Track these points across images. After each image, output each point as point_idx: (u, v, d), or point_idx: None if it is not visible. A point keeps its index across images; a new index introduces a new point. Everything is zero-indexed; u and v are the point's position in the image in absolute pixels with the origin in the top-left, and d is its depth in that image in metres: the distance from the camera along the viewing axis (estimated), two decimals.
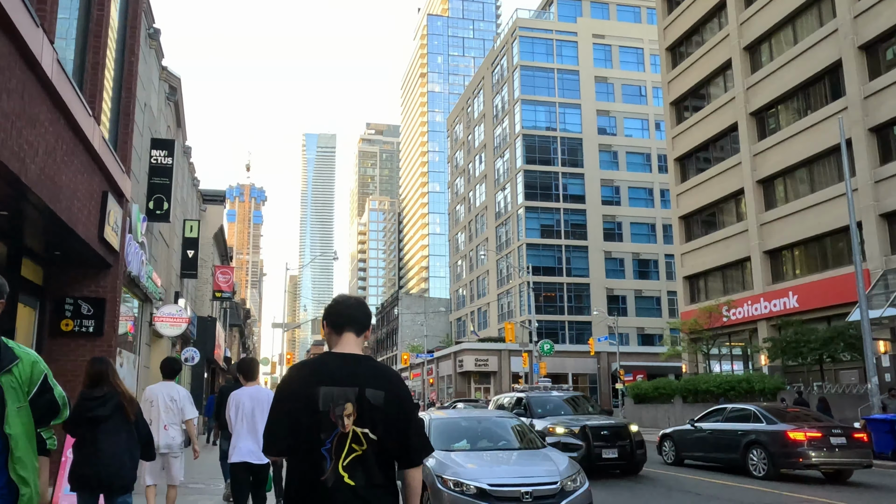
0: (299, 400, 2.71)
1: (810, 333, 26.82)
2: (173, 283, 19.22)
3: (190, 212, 22.19)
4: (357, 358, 2.84)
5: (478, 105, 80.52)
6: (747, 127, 35.48)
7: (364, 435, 2.68)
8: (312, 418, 2.68)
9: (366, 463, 2.69)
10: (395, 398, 2.78)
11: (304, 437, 2.69)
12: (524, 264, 64.24)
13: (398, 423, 2.77)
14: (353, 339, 2.92)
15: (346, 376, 2.74)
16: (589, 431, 13.60)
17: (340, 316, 2.94)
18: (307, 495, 2.67)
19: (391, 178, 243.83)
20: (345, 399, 2.69)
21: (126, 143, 9.57)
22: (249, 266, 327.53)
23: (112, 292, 9.29)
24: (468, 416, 9.31)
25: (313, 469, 2.66)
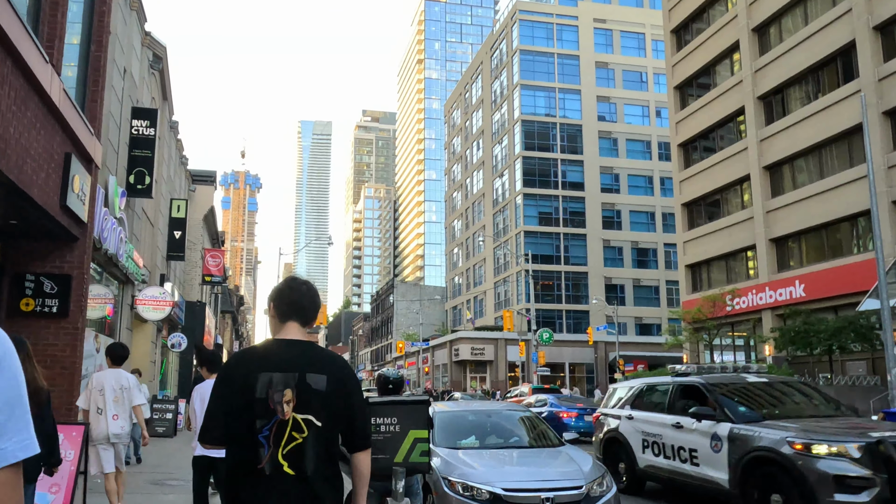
0: (237, 387, 2.62)
1: (820, 323, 25.98)
2: (158, 266, 18.24)
3: (177, 191, 21.17)
4: (299, 343, 2.76)
5: (476, 90, 79.35)
6: (754, 111, 34.51)
7: (306, 422, 2.61)
8: (250, 405, 2.59)
9: (307, 451, 2.60)
10: (339, 382, 2.70)
11: (242, 424, 2.61)
12: (522, 252, 63.38)
13: (343, 408, 2.71)
14: (298, 328, 2.84)
15: (285, 362, 2.67)
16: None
17: (289, 306, 2.85)
18: (244, 484, 2.59)
19: (387, 165, 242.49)
20: (284, 385, 2.61)
21: (95, 103, 8.57)
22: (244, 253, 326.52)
23: (79, 268, 8.32)
24: (476, 410, 8.38)
25: (251, 457, 2.58)
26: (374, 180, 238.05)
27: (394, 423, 4.33)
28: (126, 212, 13.21)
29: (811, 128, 31.21)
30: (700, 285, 39.63)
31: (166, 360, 21.50)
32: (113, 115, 12.21)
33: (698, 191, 39.17)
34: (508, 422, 8.12)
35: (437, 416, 7.77)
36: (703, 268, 39.54)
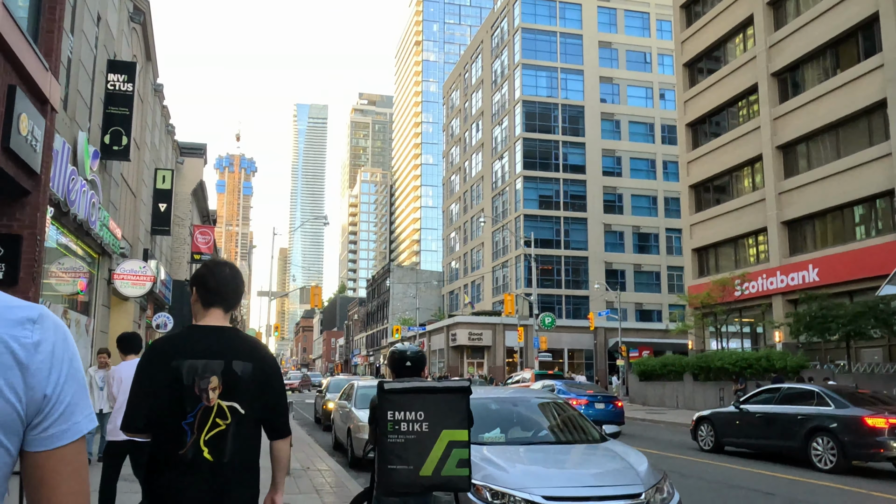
0: (162, 374, 2.59)
1: (838, 308, 24.84)
2: (141, 240, 16.92)
3: (163, 161, 19.81)
4: (223, 330, 2.73)
5: (476, 70, 77.73)
6: (768, 88, 33.22)
7: (230, 409, 2.62)
8: (176, 393, 2.57)
9: (228, 438, 2.61)
10: (263, 370, 2.71)
11: (166, 411, 2.58)
12: (521, 236, 62.14)
13: (266, 396, 2.72)
14: (221, 315, 2.80)
15: (211, 349, 2.64)
16: None
17: (212, 294, 2.80)
18: (165, 470, 2.58)
19: (383, 149, 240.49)
20: (210, 372, 2.60)
21: (52, 34, 7.25)
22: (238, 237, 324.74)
23: (31, 228, 7.03)
24: (500, 397, 7.12)
25: (174, 443, 2.57)
26: (370, 164, 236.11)
27: (419, 419, 3.10)
28: (100, 175, 11.93)
29: (829, 105, 29.96)
30: (707, 270, 38.49)
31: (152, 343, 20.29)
32: (84, 65, 10.90)
33: (706, 172, 37.95)
34: (538, 412, 6.84)
35: None
36: (710, 252, 38.38)
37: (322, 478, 9.28)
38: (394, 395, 3.08)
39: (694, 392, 31.30)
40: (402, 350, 3.99)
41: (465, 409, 3.10)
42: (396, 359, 3.97)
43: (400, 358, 3.95)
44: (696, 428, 14.90)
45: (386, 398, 3.09)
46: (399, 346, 4.13)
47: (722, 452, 14.28)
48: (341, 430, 12.85)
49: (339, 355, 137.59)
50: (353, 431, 11.31)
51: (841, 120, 29.58)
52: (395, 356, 3.98)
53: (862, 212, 28.90)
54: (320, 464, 10.64)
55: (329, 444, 14.63)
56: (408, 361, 3.91)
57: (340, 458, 12.68)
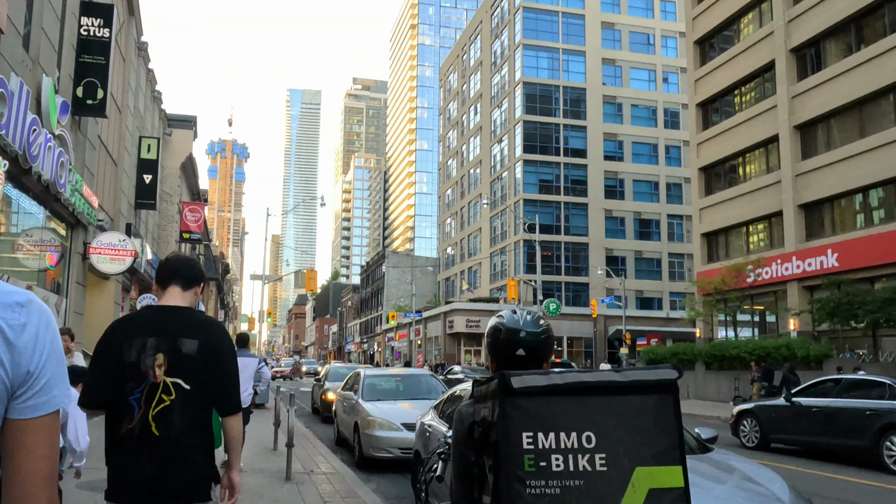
0: (113, 353, 2.68)
1: (865, 294, 23.54)
2: (124, 213, 15.38)
3: (149, 130, 18.23)
4: (174, 309, 2.79)
5: (474, 52, 75.98)
6: (786, 65, 31.77)
7: (174, 385, 2.66)
8: (123, 369, 2.65)
9: (175, 413, 2.65)
10: (210, 348, 2.73)
11: (116, 388, 2.66)
12: (522, 219, 60.77)
13: (213, 373, 2.73)
14: (179, 293, 2.86)
15: (158, 327, 2.71)
16: None
17: (165, 271, 2.89)
18: (116, 446, 2.66)
19: (377, 135, 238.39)
20: (156, 349, 2.66)
21: None
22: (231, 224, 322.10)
23: None
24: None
25: (122, 419, 2.64)
26: (364, 150, 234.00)
27: (587, 446, 1.56)
28: (72, 134, 10.41)
29: (851, 82, 28.55)
30: (717, 255, 37.18)
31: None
32: (51, 5, 9.35)
33: (717, 154, 36.54)
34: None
35: None
36: (720, 237, 37.05)
37: (329, 483, 7.86)
38: (533, 402, 1.63)
39: (706, 381, 30.04)
40: (513, 327, 2.11)
41: (675, 423, 1.64)
42: (502, 341, 2.13)
43: (509, 340, 2.10)
44: (737, 422, 13.54)
45: (515, 408, 1.63)
46: (506, 316, 2.20)
47: (768, 450, 12.94)
48: (346, 425, 11.46)
49: (333, 342, 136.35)
50: (360, 427, 9.92)
51: (864, 98, 28.21)
52: (501, 335, 2.14)
53: (885, 194, 27.57)
54: (324, 464, 9.23)
55: (331, 438, 13.24)
56: (520, 347, 2.08)
57: (345, 455, 11.28)
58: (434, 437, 5.99)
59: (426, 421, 6.67)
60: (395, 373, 12.40)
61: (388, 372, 12.55)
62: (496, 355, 2.19)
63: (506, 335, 2.14)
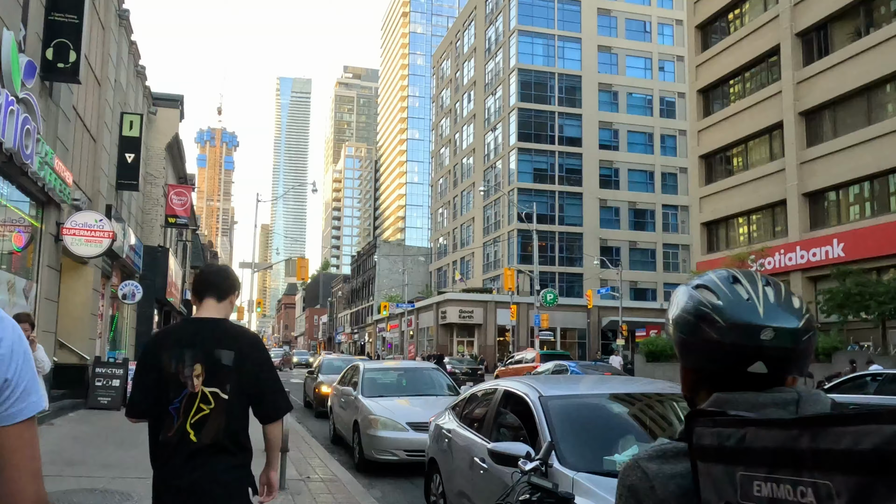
0: (154, 364, 2.83)
1: (876, 285, 22.80)
2: (104, 194, 14.35)
3: (132, 106, 17.17)
4: (211, 321, 2.92)
5: (468, 38, 74.77)
6: (791, 50, 30.94)
7: (213, 394, 2.77)
8: (163, 380, 2.78)
9: (213, 421, 2.76)
10: (246, 358, 2.84)
11: (157, 398, 2.79)
12: (514, 211, 59.85)
13: (250, 382, 2.84)
14: (214, 305, 2.98)
15: (196, 338, 2.84)
16: None
17: (201, 283, 3.00)
18: (158, 453, 2.81)
19: (368, 124, 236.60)
20: (194, 360, 2.78)
21: None
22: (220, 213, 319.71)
23: None
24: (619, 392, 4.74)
25: (163, 427, 2.78)
26: (354, 139, 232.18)
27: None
28: (42, 101, 9.42)
29: (859, 68, 27.77)
30: (716, 245, 36.47)
31: (119, 315, 17.79)
32: None
33: (719, 141, 35.75)
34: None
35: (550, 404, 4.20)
36: (720, 226, 36.32)
37: (328, 493, 6.94)
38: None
39: None
40: (747, 319, 1.03)
41: None
42: (719, 345, 1.04)
43: (737, 346, 1.03)
44: None
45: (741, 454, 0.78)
46: (721, 292, 1.08)
47: None
48: (343, 423, 10.52)
49: (323, 333, 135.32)
50: (361, 426, 8.97)
51: (872, 83, 27.46)
52: (715, 332, 1.05)
53: (894, 183, 26.86)
54: (321, 468, 8.29)
55: (326, 435, 12.30)
56: (761, 359, 1.02)
57: (343, 456, 10.36)
58: (458, 447, 5.08)
59: (444, 424, 5.76)
60: (397, 366, 11.43)
61: (389, 365, 11.57)
62: (698, 367, 1.16)
63: (730, 333, 1.09)
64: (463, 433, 5.18)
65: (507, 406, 4.82)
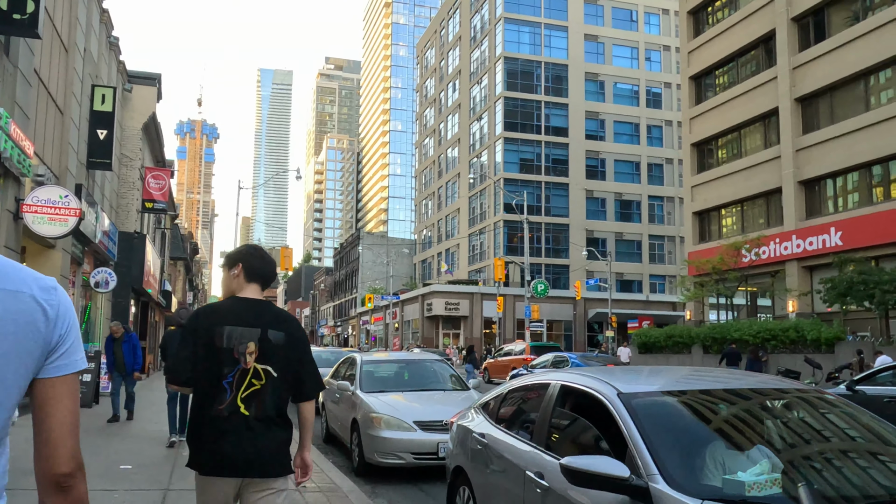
0: (205, 338, 2.95)
1: (880, 273, 22.17)
2: (73, 171, 13.22)
3: (104, 79, 16.01)
4: (261, 303, 3.08)
5: (453, 27, 73.66)
6: (787, 35, 30.27)
7: (265, 371, 2.94)
8: (217, 354, 2.91)
9: (262, 396, 2.93)
10: (294, 339, 3.06)
11: (207, 370, 2.92)
12: (500, 201, 59.01)
13: (294, 362, 3.05)
14: (258, 289, 3.14)
15: (250, 318, 2.98)
16: None
17: (260, 270, 3.14)
18: (206, 423, 2.91)
19: (350, 116, 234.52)
20: (248, 338, 2.94)
21: None
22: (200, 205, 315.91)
23: None
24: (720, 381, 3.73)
25: (214, 399, 2.90)
26: (336, 131, 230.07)
27: None
28: None
29: (856, 53, 27.15)
30: (709, 235, 35.82)
31: (91, 305, 16.65)
32: None
33: (712, 129, 35.07)
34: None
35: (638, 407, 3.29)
36: (713, 215, 35.67)
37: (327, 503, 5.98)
38: None
39: (704, 365, 28.65)
40: None
41: None
42: None
43: None
44: None
45: None
46: None
47: None
48: (339, 421, 9.51)
49: (305, 326, 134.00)
50: (361, 426, 7.98)
51: (870, 69, 26.86)
52: None
53: (892, 170, 26.28)
54: (317, 474, 7.30)
55: (318, 433, 11.30)
56: None
57: (338, 457, 9.38)
58: (498, 457, 4.07)
59: (473, 427, 4.78)
60: (397, 358, 10.44)
61: (389, 357, 10.57)
62: None
63: None
64: (504, 439, 4.20)
65: (566, 405, 3.93)
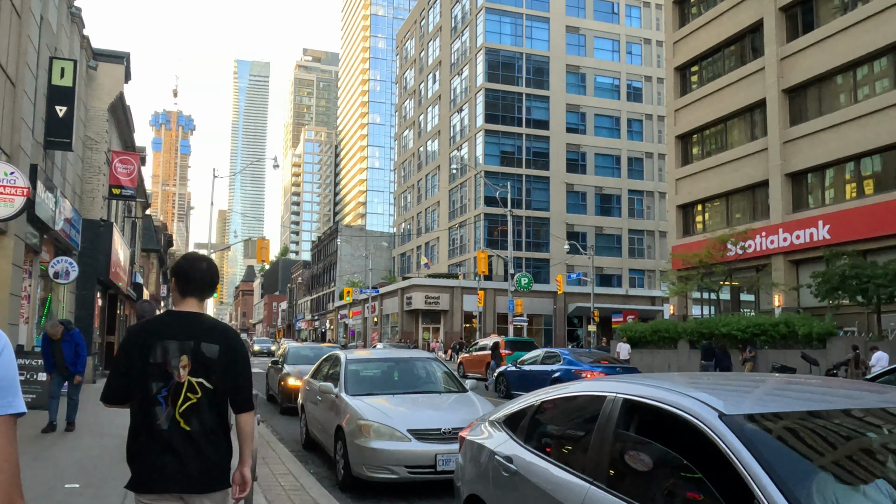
0: (138, 354, 2.90)
1: (873, 267, 21.73)
2: (26, 151, 12.20)
3: (64, 51, 14.94)
4: (195, 315, 3.01)
5: (433, 17, 72.63)
6: (775, 25, 29.78)
7: (199, 384, 2.89)
8: (149, 370, 2.86)
9: (200, 410, 2.88)
10: (229, 351, 2.97)
11: (142, 386, 2.87)
12: (481, 194, 58.30)
13: (231, 374, 2.96)
14: (196, 303, 3.06)
15: (182, 332, 2.93)
16: None
17: (189, 284, 3.05)
18: (144, 440, 2.85)
19: (328, 109, 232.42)
20: (181, 352, 2.89)
21: None
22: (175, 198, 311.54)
23: None
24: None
25: (150, 415, 2.85)
26: (314, 123, 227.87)
27: None
28: None
29: (845, 43, 26.70)
30: (693, 229, 35.34)
31: (53, 298, 15.64)
32: None
33: (697, 121, 34.54)
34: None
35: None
36: (697, 208, 35.19)
37: None
38: None
39: (690, 361, 28.14)
40: None
41: None
42: None
43: None
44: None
45: None
46: None
47: None
48: (320, 427, 8.53)
49: (282, 320, 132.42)
50: (347, 434, 7.04)
51: (859, 60, 26.42)
52: None
53: (884, 162, 25.88)
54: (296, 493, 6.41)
55: (296, 437, 10.36)
56: None
57: (320, 468, 8.39)
58: (536, 491, 3.11)
59: (494, 447, 3.91)
60: (386, 356, 9.46)
61: (377, 355, 9.58)
62: None
63: None
64: (544, 467, 3.31)
65: (632, 426, 3.01)
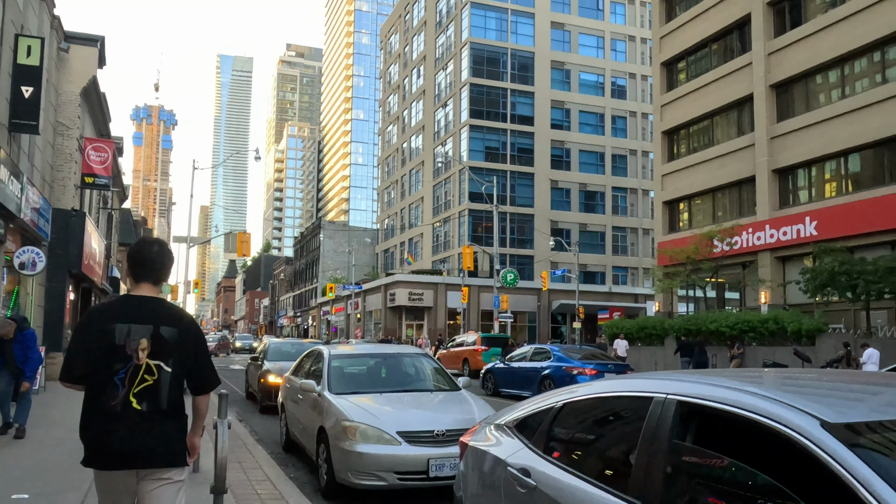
0: (97, 335, 2.97)
1: (862, 264, 21.52)
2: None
3: (31, 29, 14.26)
4: (153, 300, 3.11)
5: (418, 11, 72.04)
6: (763, 19, 29.57)
7: (157, 367, 2.98)
8: (108, 351, 2.94)
9: (155, 391, 2.98)
10: (187, 335, 3.08)
11: (99, 367, 2.94)
12: (466, 190, 57.88)
13: (189, 357, 3.08)
14: (150, 287, 3.15)
15: (142, 315, 3.02)
16: None
17: (141, 267, 3.14)
18: (98, 419, 2.93)
19: (312, 105, 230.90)
20: (140, 335, 2.97)
21: None
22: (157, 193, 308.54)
23: None
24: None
25: (106, 396, 2.93)
26: (297, 119, 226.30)
27: None
28: None
29: (833, 38, 26.50)
30: (678, 225, 35.12)
31: (20, 290, 14.98)
32: None
33: (683, 116, 34.30)
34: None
35: None
36: (684, 204, 34.95)
37: None
38: None
39: (677, 358, 27.88)
40: None
41: None
42: None
43: None
44: None
45: None
46: None
47: None
48: (301, 427, 7.92)
49: (264, 316, 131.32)
50: (331, 436, 6.44)
51: (847, 55, 26.23)
52: None
53: (872, 158, 25.72)
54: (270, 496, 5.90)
55: (275, 439, 9.80)
56: None
57: (301, 472, 7.79)
58: (546, 496, 2.59)
59: (508, 458, 3.33)
60: (372, 351, 8.88)
61: (362, 351, 9.00)
62: None
63: None
64: (573, 485, 2.77)
65: (691, 435, 2.49)
